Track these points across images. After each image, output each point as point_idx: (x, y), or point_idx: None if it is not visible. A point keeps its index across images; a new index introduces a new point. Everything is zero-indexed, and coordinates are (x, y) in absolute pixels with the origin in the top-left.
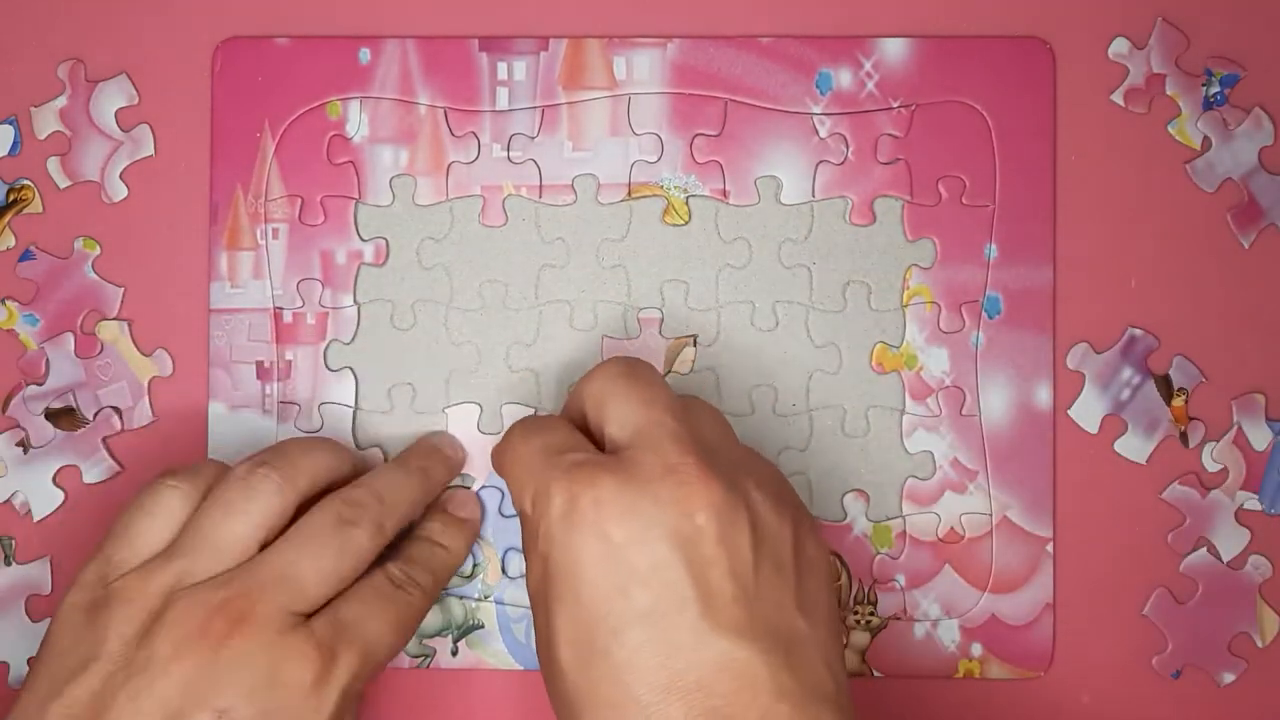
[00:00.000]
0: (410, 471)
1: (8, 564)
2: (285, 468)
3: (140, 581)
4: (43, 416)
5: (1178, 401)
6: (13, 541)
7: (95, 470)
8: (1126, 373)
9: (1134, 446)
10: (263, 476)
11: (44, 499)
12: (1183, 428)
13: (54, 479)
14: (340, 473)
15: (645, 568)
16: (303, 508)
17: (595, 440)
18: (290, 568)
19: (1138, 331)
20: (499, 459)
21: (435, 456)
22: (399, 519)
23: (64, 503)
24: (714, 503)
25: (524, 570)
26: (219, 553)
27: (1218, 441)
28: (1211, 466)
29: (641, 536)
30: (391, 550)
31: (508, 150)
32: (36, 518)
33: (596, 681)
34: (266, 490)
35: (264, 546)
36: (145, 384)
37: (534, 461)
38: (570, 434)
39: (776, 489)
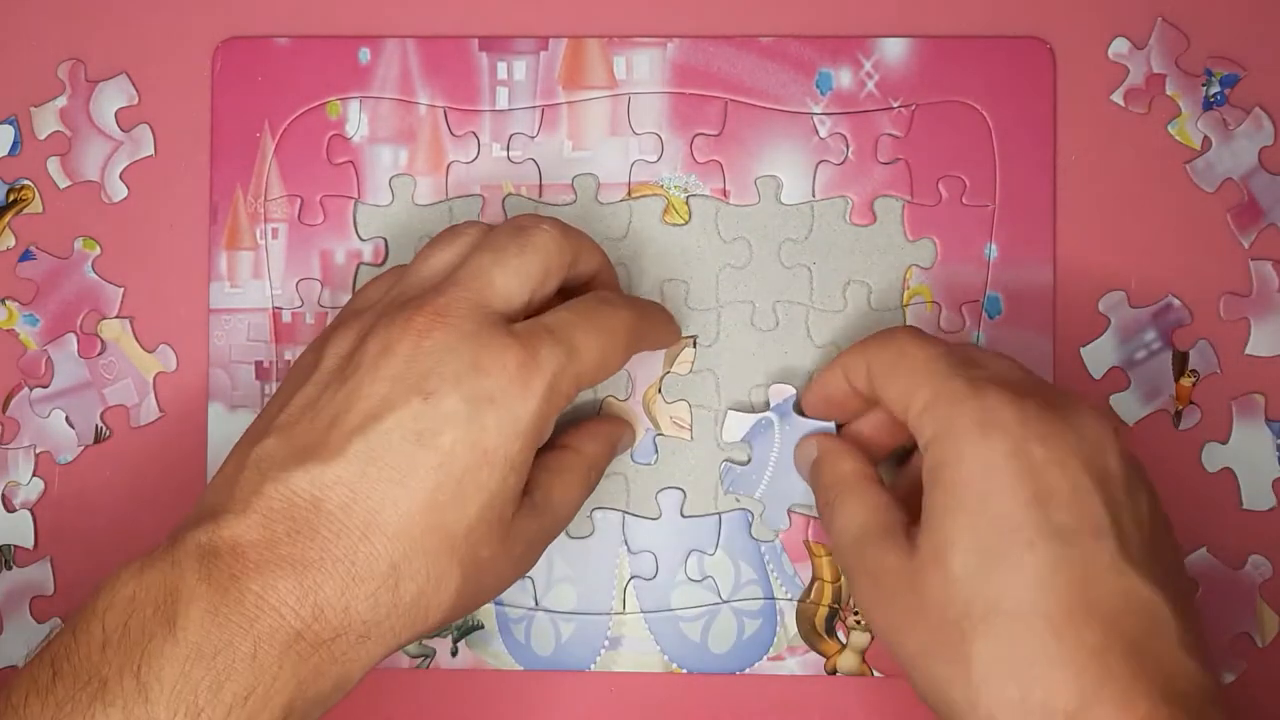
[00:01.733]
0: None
1: (8, 568)
2: (559, 228)
3: (356, 315)
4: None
5: (1185, 381)
6: (12, 547)
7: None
8: (1149, 335)
9: (1127, 406)
10: (534, 229)
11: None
12: (1180, 408)
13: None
14: (601, 276)
15: (1066, 490)
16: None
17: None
18: (478, 268)
19: (1176, 301)
20: (885, 354)
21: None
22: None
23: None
24: (1124, 451)
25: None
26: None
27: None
28: (1212, 468)
29: (1064, 461)
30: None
31: (507, 150)
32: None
33: (1000, 591)
34: (536, 243)
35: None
36: (150, 380)
37: (936, 367)
38: (964, 352)
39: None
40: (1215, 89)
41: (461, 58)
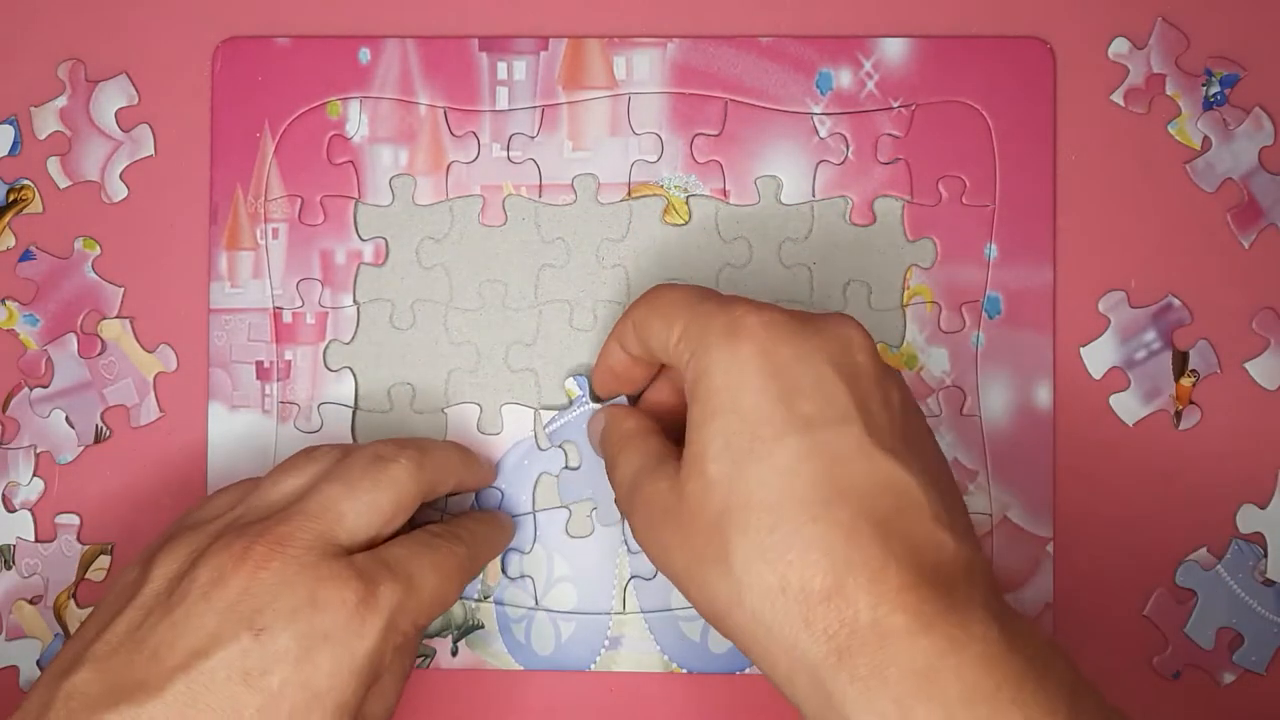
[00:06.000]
0: (455, 446)
1: (8, 568)
2: (416, 461)
3: (191, 531)
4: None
5: (1185, 381)
6: (12, 547)
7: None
8: (1149, 335)
9: (1127, 406)
10: (391, 462)
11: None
12: (1180, 408)
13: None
14: (465, 485)
15: (810, 381)
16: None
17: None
18: (329, 499)
19: (1176, 301)
20: (642, 306)
21: (477, 455)
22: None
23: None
24: (872, 350)
25: (525, 555)
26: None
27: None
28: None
29: (808, 357)
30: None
31: (507, 150)
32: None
33: (752, 486)
34: (391, 477)
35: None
36: (150, 380)
37: (688, 298)
38: (716, 291)
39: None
40: (1215, 89)
41: (461, 58)
